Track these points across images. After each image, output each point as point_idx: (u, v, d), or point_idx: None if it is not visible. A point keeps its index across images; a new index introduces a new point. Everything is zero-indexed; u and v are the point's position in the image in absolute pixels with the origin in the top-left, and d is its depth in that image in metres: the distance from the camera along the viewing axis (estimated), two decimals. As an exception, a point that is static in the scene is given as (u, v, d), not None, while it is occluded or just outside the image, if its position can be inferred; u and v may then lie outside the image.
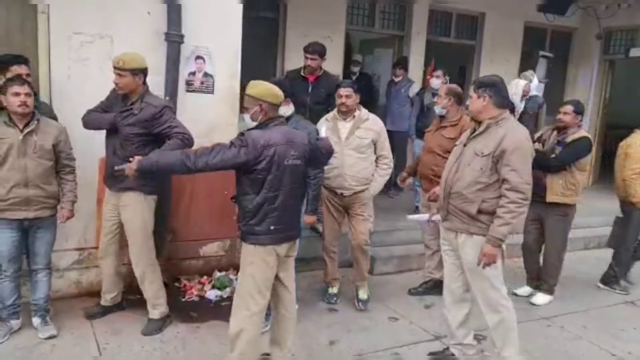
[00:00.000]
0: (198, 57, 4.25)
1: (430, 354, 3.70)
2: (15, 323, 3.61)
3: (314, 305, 4.37)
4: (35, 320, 3.64)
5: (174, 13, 4.03)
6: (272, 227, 2.93)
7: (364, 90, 6.94)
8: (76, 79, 3.84)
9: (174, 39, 4.05)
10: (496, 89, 3.20)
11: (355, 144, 4.12)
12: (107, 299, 3.92)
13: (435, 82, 6.01)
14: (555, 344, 4.02)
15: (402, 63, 6.99)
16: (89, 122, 3.67)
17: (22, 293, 3.66)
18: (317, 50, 4.90)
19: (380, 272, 5.20)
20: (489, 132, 3.18)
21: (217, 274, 4.52)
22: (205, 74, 4.31)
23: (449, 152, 3.63)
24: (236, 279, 4.39)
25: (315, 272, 4.98)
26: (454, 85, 4.56)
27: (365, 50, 8.20)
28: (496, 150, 3.10)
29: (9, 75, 3.44)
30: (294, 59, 6.72)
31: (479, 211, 3.16)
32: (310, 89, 4.95)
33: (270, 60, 6.83)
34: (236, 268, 4.51)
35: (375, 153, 4.23)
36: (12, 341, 3.51)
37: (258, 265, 2.97)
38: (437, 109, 4.39)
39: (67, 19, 3.82)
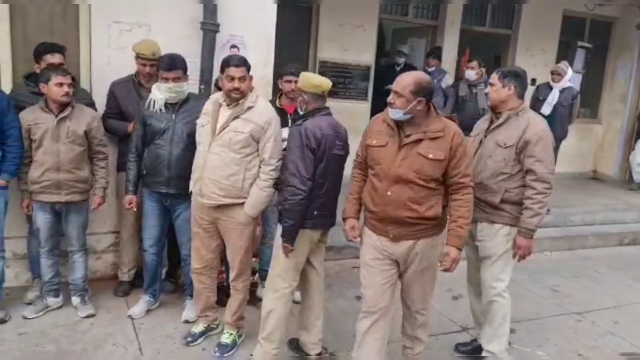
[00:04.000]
0: (233, 46, 4.31)
1: (458, 345, 3.71)
2: (53, 301, 3.76)
3: (342, 294, 4.41)
4: (75, 300, 3.79)
5: (210, 2, 4.09)
6: (315, 213, 3.06)
7: None
8: (115, 66, 3.93)
9: (209, 28, 4.11)
10: (520, 80, 3.24)
11: (227, 139, 3.14)
12: (131, 274, 4.12)
13: (471, 73, 5.89)
14: (585, 338, 3.99)
15: (435, 53, 6.94)
16: (109, 129, 3.84)
17: (62, 273, 3.82)
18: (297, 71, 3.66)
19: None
20: (509, 124, 3.20)
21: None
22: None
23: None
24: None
25: (344, 260, 5.04)
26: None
27: (398, 40, 8.14)
28: (519, 142, 3.12)
29: (42, 64, 3.56)
30: (326, 48, 6.76)
31: (502, 201, 3.20)
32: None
33: (303, 48, 6.85)
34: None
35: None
36: (53, 318, 3.67)
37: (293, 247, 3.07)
38: (396, 113, 2.86)
39: (107, 8, 3.92)
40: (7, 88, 3.80)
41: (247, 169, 3.16)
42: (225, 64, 3.14)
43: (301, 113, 3.14)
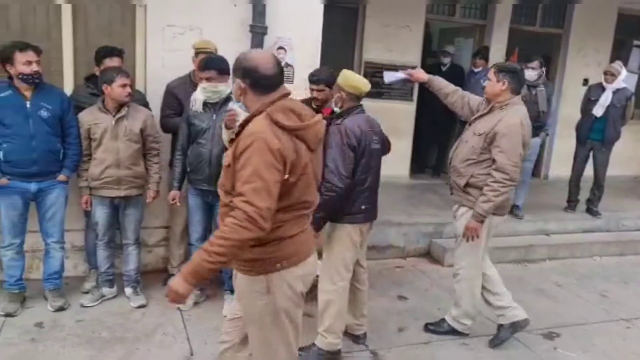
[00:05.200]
0: (280, 48, 4.41)
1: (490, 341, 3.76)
2: (108, 291, 3.96)
3: (384, 292, 4.45)
4: (128, 290, 3.98)
5: (259, 5, 4.20)
6: (363, 207, 3.22)
7: (455, 83, 6.82)
8: (169, 68, 4.10)
9: (258, 30, 4.22)
10: (515, 76, 3.42)
11: None
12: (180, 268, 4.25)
13: (531, 73, 5.49)
14: (634, 345, 3.88)
15: (482, 53, 6.85)
16: (172, 128, 3.99)
17: (116, 265, 4.02)
18: (323, 79, 3.77)
19: (451, 263, 5.18)
20: (492, 115, 3.43)
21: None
22: (286, 64, 4.45)
23: None
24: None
25: (386, 260, 5.07)
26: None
27: (445, 40, 8.08)
28: (490, 132, 3.34)
29: (102, 67, 3.75)
30: (372, 49, 6.79)
31: (467, 184, 3.46)
32: None
33: (349, 49, 6.90)
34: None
35: None
36: (108, 307, 3.86)
37: (346, 243, 3.26)
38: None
39: (162, 12, 4.09)
40: (68, 89, 4.03)
41: None
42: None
43: (337, 111, 3.25)
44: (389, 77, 3.79)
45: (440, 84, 3.85)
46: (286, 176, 2.03)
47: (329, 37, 4.74)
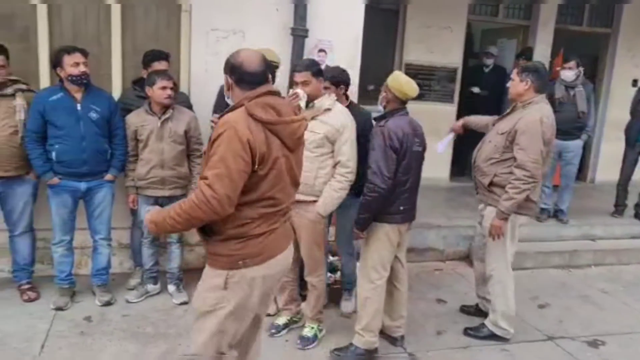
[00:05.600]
0: (320, 50, 4.45)
1: (462, 306, 4.06)
2: (152, 287, 4.09)
3: (423, 295, 4.43)
4: (171, 288, 4.10)
5: (301, 8, 4.26)
6: (401, 208, 3.26)
7: (498, 84, 6.82)
8: (212, 72, 4.19)
9: (299, 34, 4.28)
10: (539, 75, 3.47)
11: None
12: None
13: (568, 73, 5.40)
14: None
15: (526, 54, 6.72)
16: None
17: (160, 263, 4.14)
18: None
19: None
20: (514, 114, 3.51)
21: (330, 258, 4.72)
22: (327, 66, 4.49)
23: None
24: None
25: (425, 263, 5.05)
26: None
27: (487, 41, 7.96)
28: (511, 130, 3.41)
29: (150, 70, 3.87)
30: (413, 50, 6.76)
31: (491, 183, 3.52)
32: None
33: (389, 51, 6.90)
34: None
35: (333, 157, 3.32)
36: (152, 303, 3.98)
37: (384, 242, 3.30)
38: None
39: (206, 16, 4.20)
40: (117, 92, 4.18)
41: (320, 167, 3.28)
42: (292, 69, 3.30)
43: (382, 110, 3.31)
44: (443, 146, 3.89)
45: (475, 119, 4.03)
46: (255, 167, 2.07)
47: (369, 38, 4.75)
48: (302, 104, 3.25)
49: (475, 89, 7.02)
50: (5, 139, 3.62)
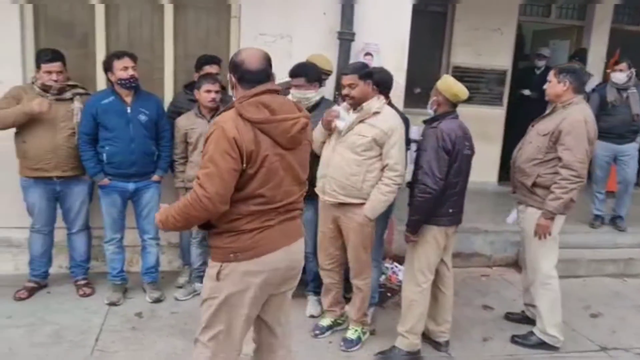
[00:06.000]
0: (367, 54, 4.46)
1: (508, 313, 4.05)
2: (200, 286, 4.15)
3: (469, 301, 4.36)
4: (218, 286, 4.18)
5: (348, 12, 4.29)
6: (450, 210, 3.26)
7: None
8: (260, 75, 4.28)
9: (346, 37, 4.30)
10: (576, 76, 3.51)
11: (351, 142, 3.29)
12: None
13: (619, 75, 5.25)
14: None
15: (579, 55, 6.53)
16: None
17: (208, 263, 4.23)
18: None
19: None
20: (555, 115, 3.50)
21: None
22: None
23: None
24: (391, 267, 4.60)
25: (472, 268, 4.97)
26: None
27: (539, 42, 7.77)
28: (554, 131, 3.40)
29: (202, 73, 3.99)
30: (461, 53, 6.67)
31: (534, 184, 3.50)
32: None
33: (436, 54, 6.83)
34: (391, 257, 4.71)
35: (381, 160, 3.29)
36: (199, 301, 4.06)
37: (431, 244, 3.30)
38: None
39: (255, 21, 4.29)
40: (168, 95, 4.33)
41: (368, 170, 3.27)
42: (341, 72, 3.33)
43: (430, 111, 3.32)
44: (512, 218, 3.86)
45: None
46: (243, 165, 2.11)
47: (416, 41, 4.72)
48: (340, 124, 3.29)
49: (526, 92, 6.86)
50: (63, 141, 3.79)
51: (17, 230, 4.17)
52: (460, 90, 3.26)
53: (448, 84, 3.28)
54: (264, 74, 2.25)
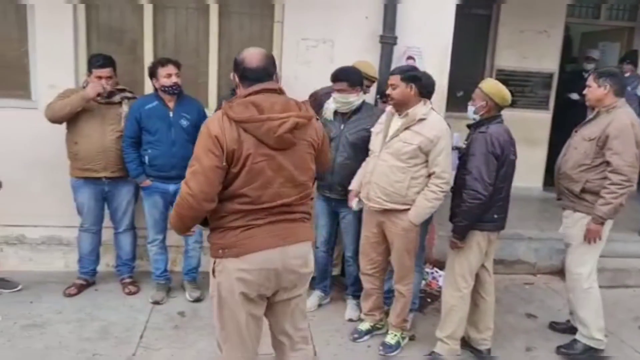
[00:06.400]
0: (409, 57, 4.44)
1: (552, 322, 3.97)
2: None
3: (511, 309, 4.27)
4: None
5: (390, 16, 4.27)
6: (495, 216, 3.24)
7: None
8: (301, 80, 4.31)
9: (388, 41, 4.29)
10: (616, 79, 3.45)
11: (396, 149, 3.27)
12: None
13: None
14: None
15: (630, 57, 6.30)
16: None
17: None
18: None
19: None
20: (599, 119, 3.44)
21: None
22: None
23: None
24: (431, 273, 4.55)
25: (515, 275, 4.86)
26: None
27: (587, 44, 7.55)
28: (602, 135, 3.35)
29: None
30: (505, 56, 6.55)
31: (583, 190, 3.44)
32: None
33: (479, 57, 6.73)
34: (432, 262, 4.66)
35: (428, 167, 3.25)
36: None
37: (474, 249, 3.27)
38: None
39: (297, 26, 4.33)
40: (212, 99, 4.42)
41: (413, 177, 3.23)
42: (389, 73, 3.38)
43: (477, 117, 3.27)
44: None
45: None
46: (224, 163, 2.12)
47: (458, 44, 4.66)
48: (354, 204, 3.46)
49: (574, 96, 6.66)
50: (112, 143, 3.93)
51: (68, 229, 4.34)
52: (508, 95, 3.25)
53: (498, 88, 3.25)
54: (264, 72, 2.25)
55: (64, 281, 4.21)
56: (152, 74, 3.86)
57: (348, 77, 3.59)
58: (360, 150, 3.60)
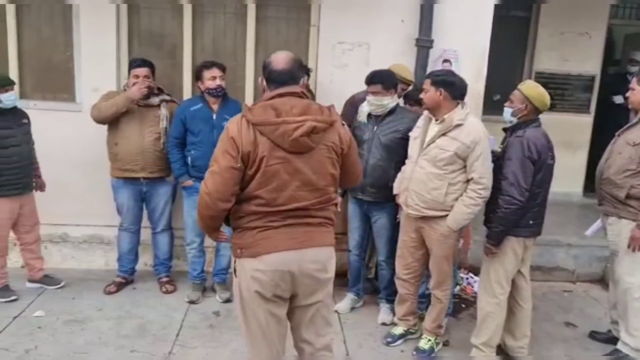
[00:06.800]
0: (445, 61, 4.40)
1: (592, 332, 3.86)
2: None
3: (549, 317, 4.18)
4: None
5: (426, 19, 4.25)
6: (531, 222, 3.17)
7: None
8: (337, 83, 4.33)
9: (424, 44, 4.27)
10: None
11: (432, 155, 3.23)
12: None
13: None
14: None
15: (678, 60, 6.08)
16: None
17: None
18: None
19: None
20: None
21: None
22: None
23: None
24: (466, 278, 4.49)
25: (553, 282, 4.76)
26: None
27: (631, 46, 7.31)
28: None
29: None
30: (545, 59, 6.42)
31: (628, 196, 3.35)
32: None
33: (518, 60, 6.60)
34: (466, 268, 4.60)
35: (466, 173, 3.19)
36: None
37: (509, 255, 3.21)
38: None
39: (333, 30, 4.36)
40: (249, 102, 4.47)
41: (450, 184, 3.19)
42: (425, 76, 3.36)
43: (514, 120, 3.19)
44: (592, 231, 3.82)
45: None
46: (239, 164, 2.16)
47: (496, 46, 4.60)
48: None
49: (618, 99, 6.47)
50: (150, 144, 4.03)
51: (108, 229, 4.47)
52: (548, 98, 3.18)
53: (538, 92, 3.16)
54: (288, 75, 2.27)
55: (104, 279, 4.34)
56: (198, 77, 3.94)
57: (382, 80, 3.59)
58: (393, 152, 3.60)
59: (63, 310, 3.90)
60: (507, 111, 3.21)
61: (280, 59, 2.29)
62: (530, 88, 3.19)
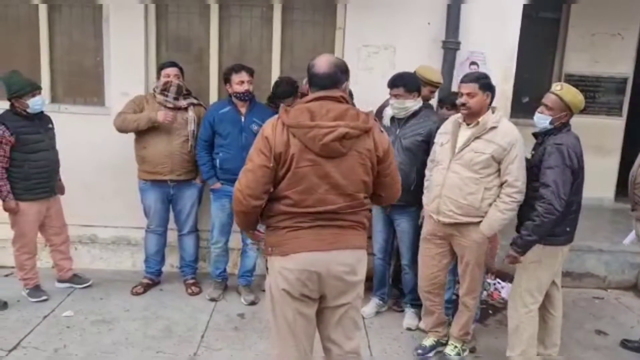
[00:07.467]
0: (472, 63, 4.35)
1: (624, 340, 3.70)
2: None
3: (580, 325, 4.08)
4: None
5: (453, 21, 4.20)
6: (567, 229, 3.09)
7: None
8: (363, 86, 4.29)
9: (450, 47, 4.22)
10: None
11: (467, 159, 3.17)
12: None
13: None
14: None
15: None
16: None
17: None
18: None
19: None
20: None
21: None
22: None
23: None
24: (494, 284, 4.42)
25: (583, 289, 4.65)
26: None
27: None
28: None
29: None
30: (575, 60, 6.30)
31: None
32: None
33: (547, 62, 6.49)
34: (494, 273, 4.52)
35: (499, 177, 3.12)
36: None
37: (544, 264, 3.12)
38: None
39: (359, 33, 4.34)
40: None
41: (486, 188, 3.11)
42: (460, 80, 3.22)
43: (549, 127, 3.06)
44: (629, 240, 3.78)
45: None
46: (272, 164, 2.21)
47: (524, 48, 4.53)
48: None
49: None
50: (178, 147, 4.07)
51: (136, 230, 4.53)
52: (583, 101, 3.06)
53: (579, 99, 3.04)
54: (329, 79, 2.28)
55: (131, 280, 4.41)
56: (226, 80, 3.98)
57: (404, 83, 3.56)
58: (415, 155, 3.58)
59: (91, 310, 3.96)
60: (544, 118, 3.06)
61: (322, 63, 2.31)
62: (572, 95, 3.04)
